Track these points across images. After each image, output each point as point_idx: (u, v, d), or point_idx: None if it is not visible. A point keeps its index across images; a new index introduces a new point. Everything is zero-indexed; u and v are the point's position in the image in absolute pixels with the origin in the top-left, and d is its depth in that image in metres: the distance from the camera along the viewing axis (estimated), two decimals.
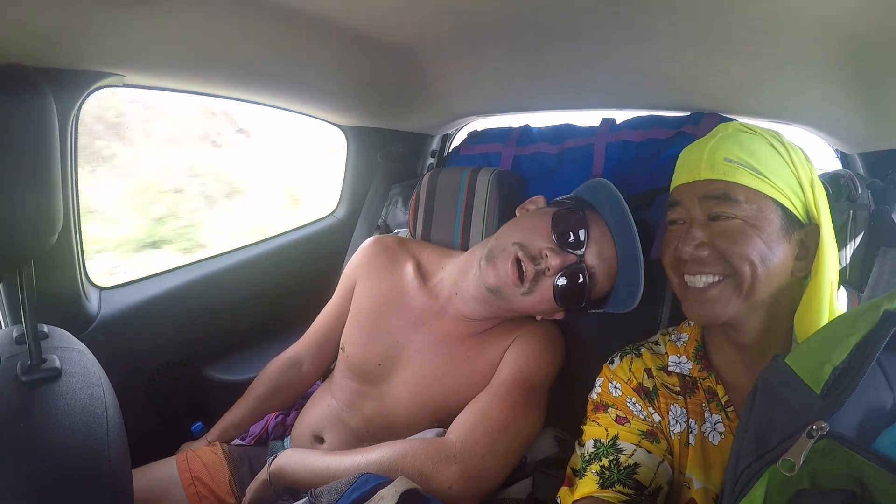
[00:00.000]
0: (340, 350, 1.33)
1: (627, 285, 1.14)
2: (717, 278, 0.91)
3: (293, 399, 1.49)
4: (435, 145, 2.02)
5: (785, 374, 0.71)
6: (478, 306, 1.19)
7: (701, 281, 0.92)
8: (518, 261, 1.12)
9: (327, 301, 1.47)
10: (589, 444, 0.99)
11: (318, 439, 1.30)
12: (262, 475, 1.14)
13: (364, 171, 1.95)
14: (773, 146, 0.93)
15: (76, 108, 1.19)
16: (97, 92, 1.23)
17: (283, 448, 1.37)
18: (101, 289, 1.48)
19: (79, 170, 1.29)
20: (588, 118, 1.59)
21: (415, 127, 1.90)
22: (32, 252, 0.77)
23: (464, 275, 1.21)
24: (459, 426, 1.08)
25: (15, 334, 0.92)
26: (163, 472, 1.27)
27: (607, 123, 1.48)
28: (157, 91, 1.37)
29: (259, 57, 1.32)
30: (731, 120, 1.33)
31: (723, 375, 0.99)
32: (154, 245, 3.53)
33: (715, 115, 1.36)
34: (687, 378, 1.01)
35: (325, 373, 1.49)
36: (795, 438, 0.63)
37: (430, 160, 2.01)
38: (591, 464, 0.96)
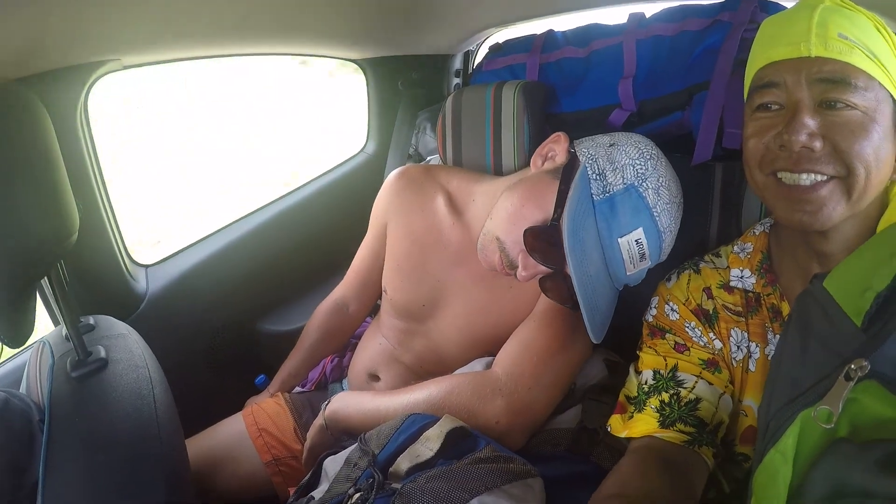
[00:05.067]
0: (383, 292, 1.32)
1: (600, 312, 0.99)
2: (823, 177, 0.75)
3: (345, 341, 1.51)
4: (458, 64, 1.94)
5: (822, 300, 0.62)
6: None
7: (807, 179, 0.76)
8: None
9: None
10: (647, 375, 0.94)
11: (374, 378, 1.31)
12: (319, 420, 1.16)
13: (388, 102, 1.90)
14: (878, 28, 0.78)
15: (81, 101, 1.20)
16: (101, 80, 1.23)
17: (342, 389, 1.40)
18: (146, 267, 1.52)
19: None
20: (615, 15, 1.47)
21: (433, 48, 1.83)
22: (56, 256, 0.79)
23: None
24: (504, 358, 1.05)
25: (64, 332, 0.94)
26: (232, 429, 1.32)
27: (636, 19, 1.37)
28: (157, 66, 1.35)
29: (258, 7, 1.28)
30: (773, 3, 1.21)
31: (789, 291, 0.89)
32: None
33: None
34: (750, 294, 0.92)
35: (374, 309, 1.49)
36: (832, 380, 0.55)
37: (456, 80, 1.94)
38: (650, 397, 0.91)
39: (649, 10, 1.39)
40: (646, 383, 0.94)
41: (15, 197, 0.69)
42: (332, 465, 0.98)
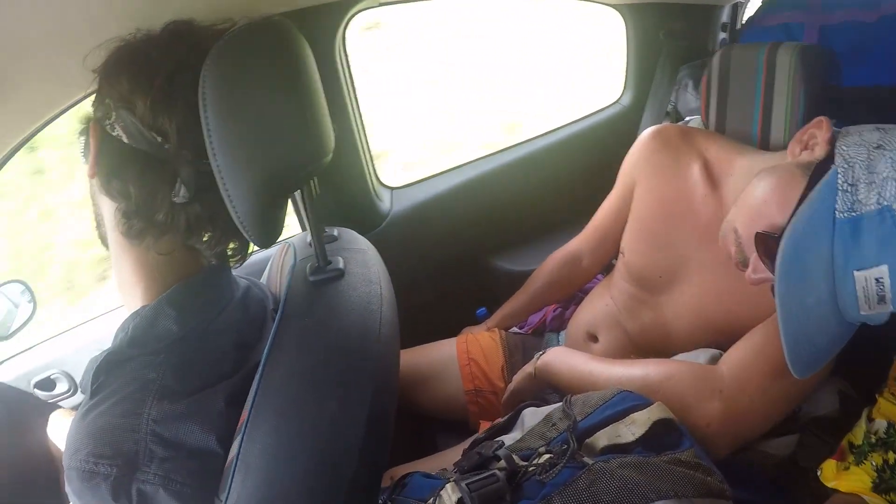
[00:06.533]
0: (620, 253, 1.28)
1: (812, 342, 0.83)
2: None
3: (572, 293, 1.51)
4: (726, 17, 1.79)
5: None
6: None
7: None
8: None
9: None
10: (880, 425, 0.82)
11: (592, 338, 1.30)
12: (528, 368, 1.18)
13: (647, 52, 1.84)
14: None
15: (339, 35, 1.30)
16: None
17: (558, 341, 1.42)
18: (392, 189, 1.65)
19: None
20: None
21: None
22: (311, 173, 0.86)
23: None
24: (733, 359, 0.96)
25: (309, 239, 1.01)
26: (443, 352, 1.42)
27: None
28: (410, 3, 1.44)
29: None
30: None
31: None
32: None
33: None
34: None
35: (607, 268, 1.47)
36: None
37: (722, 35, 1.81)
38: (874, 451, 0.81)
39: None
40: (875, 433, 0.83)
41: (282, 117, 0.77)
42: (531, 416, 0.97)
